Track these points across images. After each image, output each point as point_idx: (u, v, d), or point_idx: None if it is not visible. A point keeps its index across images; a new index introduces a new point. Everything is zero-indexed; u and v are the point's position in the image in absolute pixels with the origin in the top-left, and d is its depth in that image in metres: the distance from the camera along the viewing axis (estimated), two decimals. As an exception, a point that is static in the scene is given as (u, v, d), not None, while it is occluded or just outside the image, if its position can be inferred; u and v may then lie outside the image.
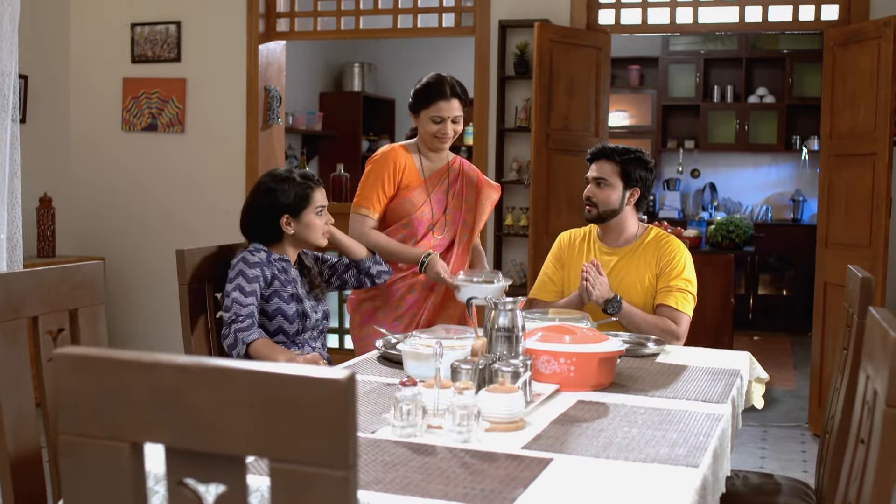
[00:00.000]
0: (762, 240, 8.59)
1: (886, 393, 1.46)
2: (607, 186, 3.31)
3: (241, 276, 2.89)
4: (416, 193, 3.39)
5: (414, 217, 3.38)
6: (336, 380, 1.07)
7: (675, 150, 9.47)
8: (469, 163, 3.62)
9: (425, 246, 3.39)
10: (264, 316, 2.95)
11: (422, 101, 3.33)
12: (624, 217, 3.37)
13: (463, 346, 2.45)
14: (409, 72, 9.79)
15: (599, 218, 3.35)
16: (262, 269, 2.93)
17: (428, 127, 3.33)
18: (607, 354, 2.45)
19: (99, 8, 6.17)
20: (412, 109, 3.38)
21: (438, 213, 3.44)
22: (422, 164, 3.43)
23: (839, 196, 4.94)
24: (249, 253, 2.96)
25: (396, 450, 1.86)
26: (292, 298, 2.97)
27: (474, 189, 3.54)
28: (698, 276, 5.92)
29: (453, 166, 3.51)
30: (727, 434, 2.20)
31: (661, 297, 3.27)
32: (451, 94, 3.30)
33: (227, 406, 1.13)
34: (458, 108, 3.32)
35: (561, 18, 5.40)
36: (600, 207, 3.33)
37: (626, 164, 3.33)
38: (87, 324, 2.39)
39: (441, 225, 3.44)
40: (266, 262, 2.95)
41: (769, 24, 5.27)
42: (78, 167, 6.24)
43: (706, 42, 9.32)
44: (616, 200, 3.32)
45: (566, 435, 2.00)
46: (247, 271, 2.90)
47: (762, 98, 9.15)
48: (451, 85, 3.32)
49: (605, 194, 3.32)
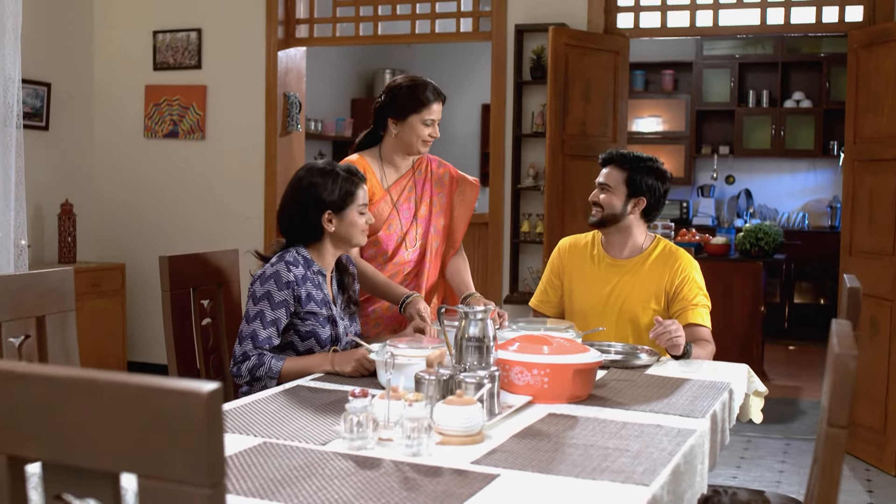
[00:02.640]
0: (798, 247, 8.42)
1: (828, 411, 1.37)
2: (609, 191, 3.24)
3: (267, 299, 2.64)
4: (381, 206, 3.23)
5: (382, 233, 3.23)
6: (197, 393, 1.02)
7: (709, 155, 9.31)
8: (439, 160, 3.45)
9: (399, 261, 3.26)
10: (297, 335, 2.74)
11: (413, 104, 3.18)
12: (628, 226, 3.27)
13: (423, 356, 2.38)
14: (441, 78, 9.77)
15: (601, 222, 3.27)
16: (294, 289, 2.68)
17: (418, 130, 3.20)
18: (583, 366, 2.37)
19: (122, 16, 6.23)
20: (396, 114, 3.20)
21: (407, 222, 3.29)
22: (383, 173, 3.28)
23: (863, 202, 4.79)
24: (286, 267, 2.69)
25: (340, 463, 1.80)
26: (328, 321, 2.76)
27: (445, 189, 3.39)
28: (726, 285, 5.80)
29: (419, 168, 3.36)
30: (700, 451, 2.10)
31: (687, 315, 3.16)
32: (437, 96, 3.23)
33: (97, 419, 1.08)
34: (441, 109, 3.26)
35: (578, 22, 5.32)
36: (605, 211, 3.24)
37: (635, 171, 3.23)
38: (55, 331, 2.37)
39: (412, 236, 3.29)
40: (302, 279, 2.70)
41: (792, 26, 5.14)
42: (100, 174, 6.29)
43: (741, 46, 9.16)
44: (618, 206, 3.23)
45: (522, 449, 1.92)
46: (275, 295, 2.64)
47: (799, 103, 8.96)
48: (435, 86, 3.24)
49: (607, 198, 3.24)
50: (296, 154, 6.12)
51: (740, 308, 6.54)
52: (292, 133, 6.08)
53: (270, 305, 2.64)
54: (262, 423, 2.10)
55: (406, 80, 3.27)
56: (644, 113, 9.57)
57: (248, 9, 5.96)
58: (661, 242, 3.31)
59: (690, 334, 3.11)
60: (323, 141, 8.76)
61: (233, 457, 1.83)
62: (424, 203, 3.35)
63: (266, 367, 2.59)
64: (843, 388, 1.34)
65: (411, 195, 3.33)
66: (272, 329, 2.64)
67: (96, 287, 5.76)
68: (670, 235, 6.84)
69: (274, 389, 2.47)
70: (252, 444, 1.93)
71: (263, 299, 2.64)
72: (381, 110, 3.28)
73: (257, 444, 1.93)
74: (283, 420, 2.13)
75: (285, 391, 2.45)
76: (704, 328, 3.17)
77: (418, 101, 3.20)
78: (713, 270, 6.66)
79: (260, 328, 2.63)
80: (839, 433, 1.34)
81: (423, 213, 3.34)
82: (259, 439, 1.97)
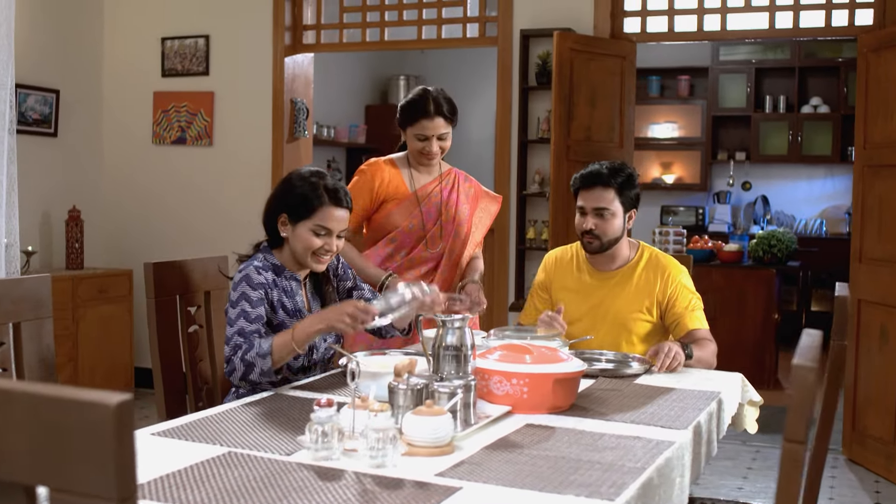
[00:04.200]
0: (815, 254, 8.31)
1: (786, 425, 1.32)
2: (610, 216, 3.11)
3: (245, 299, 2.54)
4: (404, 206, 3.32)
5: (401, 230, 3.31)
6: (105, 405, 0.99)
7: (725, 162, 9.22)
8: (465, 174, 3.53)
9: (415, 258, 3.33)
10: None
11: (406, 118, 3.28)
12: (621, 242, 3.22)
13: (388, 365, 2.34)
14: (455, 83, 9.77)
15: (602, 249, 3.17)
16: (266, 292, 2.58)
17: (413, 144, 3.29)
18: (564, 375, 2.32)
19: (131, 23, 6.24)
20: (400, 125, 3.32)
21: (429, 225, 3.35)
22: (411, 177, 3.36)
23: (873, 209, 4.70)
24: (255, 270, 2.59)
25: (301, 475, 1.77)
26: None
27: (469, 202, 3.47)
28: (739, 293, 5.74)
29: (447, 178, 3.43)
30: (679, 463, 2.05)
31: (685, 322, 3.12)
32: (434, 113, 3.21)
33: (10, 431, 1.06)
34: (443, 125, 3.23)
35: (585, 27, 5.27)
36: (604, 239, 3.13)
37: (623, 187, 3.14)
38: (32, 337, 2.36)
39: (433, 238, 3.36)
40: (272, 284, 2.61)
41: (801, 30, 5.06)
42: (108, 180, 6.30)
43: (758, 51, 9.06)
44: (619, 228, 3.16)
45: (491, 461, 1.88)
46: (250, 294, 2.54)
47: (816, 108, 8.85)
48: (437, 103, 3.22)
49: (609, 225, 3.12)
50: (303, 160, 6.10)
51: (753, 316, 6.45)
52: (300, 139, 6.07)
53: (250, 304, 2.54)
54: (231, 432, 2.07)
55: (414, 93, 3.32)
56: (660, 119, 9.49)
57: (256, 15, 5.96)
58: (647, 250, 3.26)
59: (690, 339, 3.08)
60: (336, 147, 8.75)
61: (194, 466, 1.80)
62: (449, 209, 3.41)
63: (256, 349, 2.44)
64: (801, 402, 1.28)
65: (437, 199, 3.39)
66: (258, 324, 2.53)
67: (103, 293, 5.77)
68: (682, 242, 6.77)
69: (253, 397, 2.44)
70: (216, 453, 1.90)
71: (241, 300, 2.55)
72: (396, 120, 3.37)
73: (222, 453, 1.90)
74: (252, 429, 2.10)
75: (263, 399, 2.41)
76: (703, 330, 3.14)
77: (409, 116, 3.28)
78: (726, 278, 6.60)
79: (245, 324, 2.52)
80: (797, 448, 1.29)
81: (447, 219, 3.39)
82: (224, 449, 1.94)
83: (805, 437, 1.30)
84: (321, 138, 8.18)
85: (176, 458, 1.86)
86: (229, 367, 2.49)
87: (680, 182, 9.45)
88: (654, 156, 9.54)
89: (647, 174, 9.53)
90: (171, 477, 1.74)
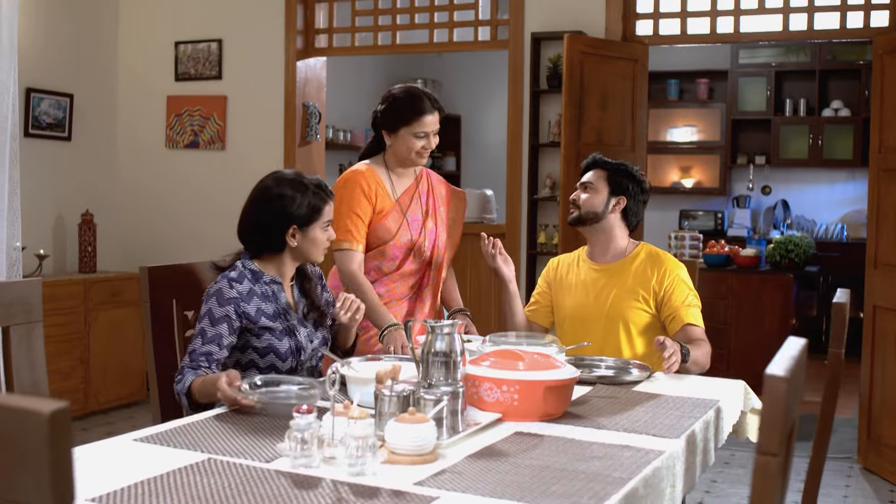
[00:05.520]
0: (836, 259, 8.19)
1: (758, 438, 1.28)
2: (592, 190, 3.26)
3: (208, 317, 2.54)
4: (391, 218, 3.19)
5: (391, 244, 3.19)
6: (39, 412, 0.97)
7: (745, 166, 9.13)
8: (436, 174, 3.44)
9: (406, 272, 3.23)
10: (255, 353, 2.62)
11: (403, 116, 3.14)
12: (609, 227, 3.26)
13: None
14: (474, 87, 9.75)
15: (579, 220, 3.28)
16: (239, 305, 2.56)
17: (410, 143, 3.16)
18: (555, 383, 2.28)
19: (145, 27, 6.27)
20: (388, 126, 3.17)
21: (416, 233, 3.25)
22: (392, 184, 3.24)
23: (888, 213, 4.62)
24: (228, 284, 2.58)
25: (277, 482, 1.74)
26: (284, 333, 2.63)
27: (444, 203, 3.38)
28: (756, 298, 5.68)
29: (423, 180, 3.33)
30: (669, 473, 2.01)
31: (681, 316, 3.12)
32: (432, 107, 3.16)
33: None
34: (438, 119, 3.18)
35: (596, 30, 5.22)
36: (581, 209, 3.26)
37: (615, 172, 3.27)
38: (21, 342, 2.35)
39: (420, 247, 3.25)
40: (247, 294, 2.58)
41: (815, 32, 4.99)
42: (122, 184, 6.33)
43: (778, 54, 8.97)
44: (599, 204, 3.25)
45: (473, 470, 1.84)
46: (215, 311, 2.54)
47: (837, 111, 8.74)
48: (429, 97, 3.17)
49: (588, 197, 3.26)
50: (315, 164, 6.09)
51: (770, 321, 6.37)
52: (311, 143, 6.06)
53: (210, 322, 2.53)
54: (214, 438, 2.05)
55: (400, 90, 3.22)
56: (679, 122, 9.42)
57: (268, 19, 5.96)
58: (646, 247, 3.31)
59: (685, 336, 3.08)
60: (352, 151, 8.73)
61: (171, 473, 1.78)
62: (430, 216, 3.32)
63: (181, 383, 2.44)
64: (773, 414, 1.24)
65: (418, 206, 3.30)
66: (211, 345, 2.51)
67: (116, 297, 5.78)
68: (698, 247, 6.70)
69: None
70: (196, 459, 1.88)
71: (205, 317, 2.55)
72: (375, 121, 3.24)
73: (202, 459, 1.88)
74: (235, 435, 2.07)
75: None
76: (698, 328, 3.13)
77: (408, 113, 3.14)
78: (742, 283, 6.53)
79: (199, 345, 2.52)
80: (769, 461, 1.25)
81: (430, 226, 3.31)
82: (205, 455, 1.91)
83: (778, 449, 1.26)
84: (337, 142, 8.18)
85: (155, 464, 1.84)
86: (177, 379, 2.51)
87: (699, 186, 9.37)
88: (672, 160, 9.46)
89: (665, 178, 9.45)
90: (147, 483, 1.72)
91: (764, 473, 1.26)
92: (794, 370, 1.35)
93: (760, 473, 1.27)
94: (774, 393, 1.25)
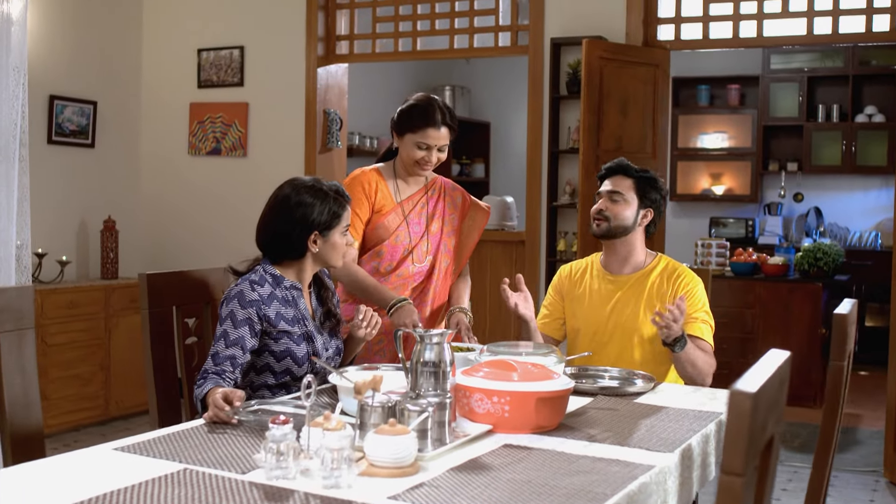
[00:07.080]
0: (869, 268, 8.02)
1: (722, 455, 1.22)
2: (623, 201, 3.13)
3: (230, 319, 2.55)
4: (390, 218, 3.17)
5: (388, 244, 3.17)
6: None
7: (776, 172, 8.97)
8: (452, 182, 3.39)
9: (403, 274, 3.19)
10: (272, 356, 2.64)
11: (409, 124, 3.11)
12: (633, 240, 3.18)
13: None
14: (503, 94, 9.70)
15: (609, 233, 3.15)
16: (260, 308, 2.58)
17: (412, 152, 3.12)
18: (547, 394, 2.23)
19: (168, 34, 6.30)
20: (397, 129, 3.15)
21: (416, 237, 3.21)
22: (397, 187, 3.21)
23: (915, 221, 4.50)
24: (250, 286, 2.60)
25: (249, 494, 1.71)
26: (303, 338, 2.66)
27: (458, 211, 3.33)
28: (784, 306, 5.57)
29: (433, 187, 3.29)
30: (659, 488, 1.95)
31: (686, 328, 3.01)
32: (441, 122, 3.09)
33: None
34: (446, 136, 3.12)
35: (617, 35, 5.15)
36: (612, 222, 3.13)
37: (642, 182, 3.16)
38: (11, 349, 2.35)
39: (420, 251, 3.22)
40: (268, 298, 2.61)
41: (840, 35, 4.88)
42: (145, 191, 6.36)
43: (810, 59, 8.82)
44: (630, 217, 3.14)
45: (451, 484, 1.80)
46: (237, 313, 2.55)
47: (871, 117, 8.57)
48: (443, 112, 3.10)
49: (620, 209, 3.13)
50: (336, 171, 6.08)
51: (798, 331, 6.25)
52: (332, 150, 6.05)
53: (233, 324, 2.55)
54: (194, 448, 2.02)
55: (419, 97, 3.20)
56: (709, 129, 9.29)
57: (290, 26, 5.96)
58: (664, 259, 3.22)
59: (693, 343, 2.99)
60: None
61: (145, 483, 1.76)
62: (437, 220, 3.28)
63: (199, 389, 2.44)
64: (738, 431, 1.18)
65: (423, 211, 3.26)
66: (235, 348, 2.53)
67: (137, 303, 5.79)
68: (725, 255, 6.59)
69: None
70: (171, 470, 1.85)
71: (227, 319, 2.56)
72: (392, 122, 3.22)
73: (177, 470, 1.85)
74: (214, 446, 2.04)
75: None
76: (705, 342, 3.04)
77: (413, 122, 3.11)
78: (770, 291, 6.41)
79: (222, 347, 2.53)
80: (733, 481, 1.19)
81: (434, 230, 3.27)
82: (181, 466, 1.89)
83: (743, 468, 1.20)
84: (363, 149, 8.16)
85: (131, 474, 1.82)
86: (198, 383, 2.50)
87: (730, 193, 9.23)
88: (703, 166, 9.34)
89: (696, 185, 9.33)
90: (119, 493, 1.69)
91: (729, 494, 1.20)
92: (767, 385, 1.29)
93: (725, 494, 1.21)
94: (738, 409, 1.19)
